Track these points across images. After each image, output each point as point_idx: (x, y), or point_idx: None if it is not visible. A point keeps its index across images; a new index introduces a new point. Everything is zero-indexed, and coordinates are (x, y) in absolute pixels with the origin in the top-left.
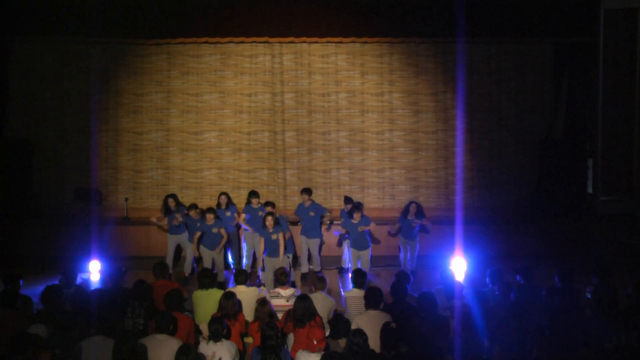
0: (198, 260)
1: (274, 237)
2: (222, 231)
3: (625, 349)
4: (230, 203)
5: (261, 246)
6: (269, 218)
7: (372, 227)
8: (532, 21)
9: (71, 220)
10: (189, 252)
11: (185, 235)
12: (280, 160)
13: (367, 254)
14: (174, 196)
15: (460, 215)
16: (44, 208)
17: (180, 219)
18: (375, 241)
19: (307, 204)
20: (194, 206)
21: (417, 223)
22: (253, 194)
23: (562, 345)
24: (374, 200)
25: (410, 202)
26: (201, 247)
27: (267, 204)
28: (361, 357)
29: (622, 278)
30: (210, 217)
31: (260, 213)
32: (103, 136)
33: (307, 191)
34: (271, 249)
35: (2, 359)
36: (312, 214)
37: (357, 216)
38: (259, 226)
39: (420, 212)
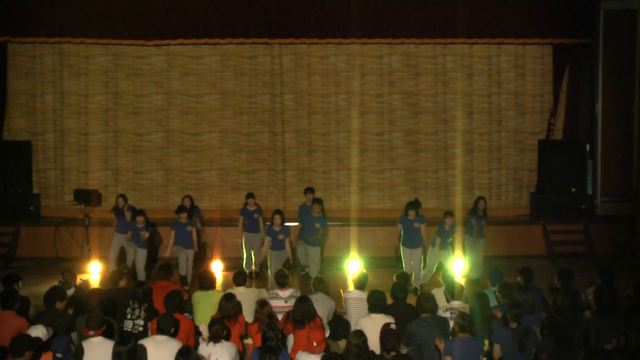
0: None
1: (280, 237)
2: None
3: (624, 349)
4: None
5: (264, 248)
6: (277, 217)
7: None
8: (531, 22)
9: (71, 222)
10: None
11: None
12: (279, 162)
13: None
14: (123, 196)
15: (460, 216)
16: (44, 209)
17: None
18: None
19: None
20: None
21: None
22: (249, 195)
23: (561, 345)
24: (373, 202)
25: (446, 213)
26: (176, 247)
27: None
28: (361, 359)
29: (622, 279)
30: (183, 215)
31: (255, 216)
32: (102, 137)
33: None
34: (276, 245)
35: None
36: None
37: (412, 213)
38: (255, 228)
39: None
